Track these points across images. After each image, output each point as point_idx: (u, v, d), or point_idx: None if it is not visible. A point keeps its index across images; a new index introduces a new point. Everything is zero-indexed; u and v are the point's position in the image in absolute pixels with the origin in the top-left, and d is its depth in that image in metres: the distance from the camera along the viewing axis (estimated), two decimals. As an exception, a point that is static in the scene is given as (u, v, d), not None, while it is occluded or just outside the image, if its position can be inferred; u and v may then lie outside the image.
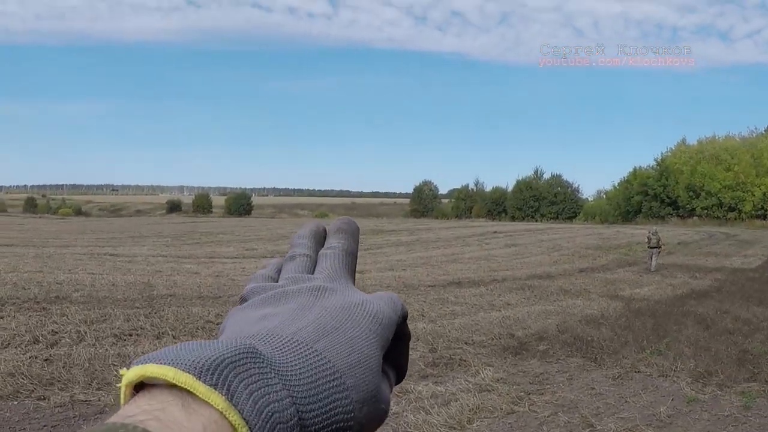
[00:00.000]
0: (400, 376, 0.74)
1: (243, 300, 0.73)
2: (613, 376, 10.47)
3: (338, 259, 0.78)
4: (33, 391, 8.48)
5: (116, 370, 9.21)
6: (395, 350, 0.72)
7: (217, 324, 12.90)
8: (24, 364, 9.48)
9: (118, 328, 12.23)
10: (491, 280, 22.74)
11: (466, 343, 12.54)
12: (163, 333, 12.16)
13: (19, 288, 16.25)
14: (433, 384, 9.67)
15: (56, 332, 11.61)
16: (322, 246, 0.83)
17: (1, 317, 12.70)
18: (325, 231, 0.86)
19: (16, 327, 11.81)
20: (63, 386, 8.71)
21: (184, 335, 12.08)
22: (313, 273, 0.77)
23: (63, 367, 9.48)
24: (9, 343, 10.72)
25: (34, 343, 10.86)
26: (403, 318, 0.72)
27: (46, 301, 14.71)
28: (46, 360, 9.85)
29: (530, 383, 10.03)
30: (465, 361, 11.10)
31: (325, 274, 0.75)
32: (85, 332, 11.69)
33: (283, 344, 0.57)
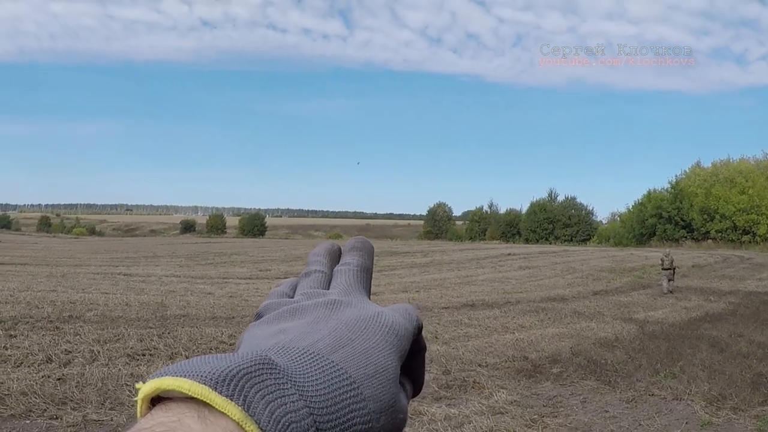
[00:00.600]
0: (417, 388, 0.74)
1: (258, 316, 0.73)
2: (626, 399, 10.41)
3: (353, 275, 0.78)
4: (45, 410, 8.48)
5: (129, 390, 9.26)
6: (411, 362, 0.72)
7: (231, 344, 12.94)
8: (37, 383, 9.49)
9: (131, 348, 12.24)
10: (505, 302, 22.70)
11: (479, 366, 12.51)
12: (176, 353, 12.16)
13: (33, 307, 16.27)
14: (446, 406, 9.64)
15: (69, 351, 11.63)
16: (338, 264, 0.83)
17: (15, 336, 12.70)
18: (340, 250, 0.86)
19: (29, 346, 11.82)
20: (76, 406, 8.71)
21: (197, 355, 12.06)
22: (328, 289, 0.78)
23: (76, 387, 9.48)
24: (22, 362, 10.73)
25: (47, 362, 10.87)
26: (419, 329, 0.72)
27: (59, 320, 14.73)
28: (59, 379, 9.86)
29: (544, 406, 9.99)
30: (478, 383, 11.06)
31: (340, 289, 0.75)
32: (99, 352, 11.70)
33: (299, 356, 0.57)
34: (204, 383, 0.49)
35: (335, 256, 0.85)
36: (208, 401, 0.49)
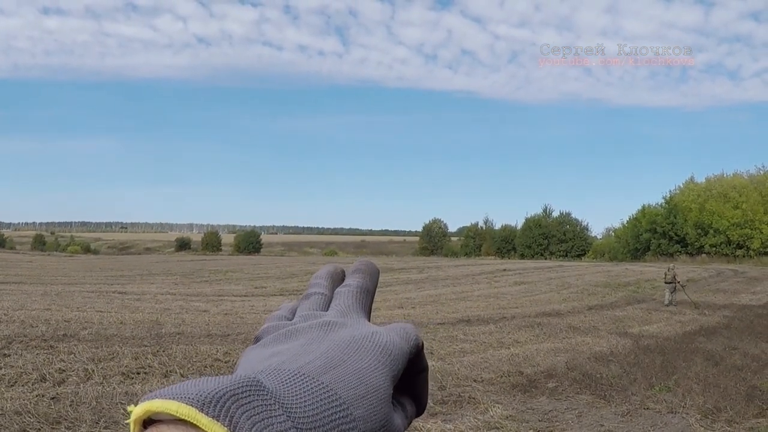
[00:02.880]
0: (420, 408, 0.74)
1: (257, 340, 0.73)
2: (622, 413, 10.41)
3: (352, 296, 0.78)
4: (40, 429, 8.44)
5: (124, 409, 9.22)
6: (412, 382, 0.72)
7: (226, 362, 12.91)
8: (31, 402, 9.45)
9: (125, 366, 12.19)
10: (500, 317, 22.69)
11: (475, 381, 12.50)
12: (171, 371, 12.12)
13: (27, 326, 16.21)
14: (442, 422, 9.62)
15: (63, 370, 11.58)
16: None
17: (8, 355, 12.64)
18: (343, 272, 0.86)
19: (23, 365, 11.77)
20: (70, 425, 8.67)
21: (192, 373, 12.04)
22: (327, 310, 0.78)
23: (70, 406, 9.44)
24: (16, 382, 10.69)
25: (41, 381, 10.82)
26: (417, 348, 0.72)
27: (53, 339, 14.67)
28: (53, 398, 9.81)
29: (539, 421, 9.98)
30: (474, 398, 11.05)
31: (337, 310, 0.75)
32: (93, 370, 11.65)
33: (288, 378, 0.57)
34: (191, 404, 0.50)
35: (338, 279, 0.85)
36: (194, 422, 0.49)
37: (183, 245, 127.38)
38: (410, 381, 0.72)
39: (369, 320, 0.77)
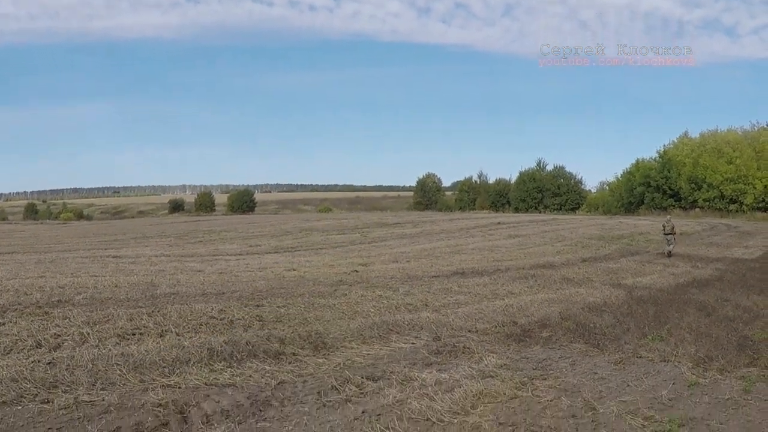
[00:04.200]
0: None
1: None
2: (615, 361, 10.50)
3: None
4: (37, 395, 8.46)
5: (120, 370, 9.26)
6: None
7: (221, 320, 12.96)
8: (27, 368, 9.43)
9: (121, 328, 12.17)
10: (495, 270, 22.79)
11: (469, 332, 12.60)
12: (166, 331, 12.10)
13: (21, 294, 16.11)
14: (437, 371, 9.70)
15: (59, 335, 11.55)
16: None
17: (3, 324, 12.52)
18: None
19: (18, 332, 11.70)
20: (67, 388, 8.69)
21: (188, 332, 12.04)
22: None
23: (66, 370, 9.45)
24: (11, 349, 10.65)
25: (37, 347, 10.79)
26: None
27: (48, 305, 14.60)
28: (49, 363, 9.80)
29: (533, 369, 10.06)
30: (469, 348, 11.13)
31: None
32: (88, 334, 11.64)
33: None
34: None
35: None
36: None
37: (176, 207, 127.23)
38: None
39: None
